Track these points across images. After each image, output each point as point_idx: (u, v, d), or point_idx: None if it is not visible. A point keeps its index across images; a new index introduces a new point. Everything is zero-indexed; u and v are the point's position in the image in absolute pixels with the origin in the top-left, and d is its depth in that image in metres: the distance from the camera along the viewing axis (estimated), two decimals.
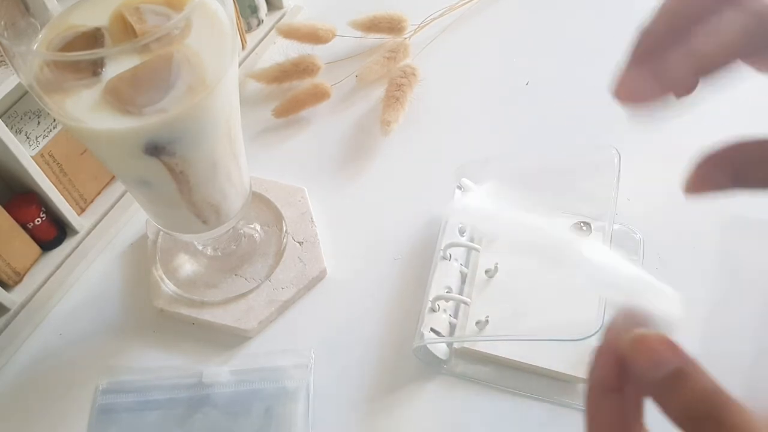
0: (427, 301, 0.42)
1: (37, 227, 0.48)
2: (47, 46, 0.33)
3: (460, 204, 0.36)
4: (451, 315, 0.42)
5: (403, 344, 0.43)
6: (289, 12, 0.68)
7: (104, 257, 0.51)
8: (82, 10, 0.35)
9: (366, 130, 0.57)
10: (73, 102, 0.32)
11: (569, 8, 0.65)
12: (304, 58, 0.59)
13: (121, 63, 0.31)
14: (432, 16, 0.64)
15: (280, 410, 0.41)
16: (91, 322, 0.47)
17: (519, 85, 0.58)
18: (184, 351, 0.45)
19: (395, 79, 0.56)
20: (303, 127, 0.58)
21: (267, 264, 0.48)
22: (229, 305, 0.46)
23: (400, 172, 0.53)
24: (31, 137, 0.46)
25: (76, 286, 0.49)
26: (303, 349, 0.44)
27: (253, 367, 0.43)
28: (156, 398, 0.42)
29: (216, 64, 0.34)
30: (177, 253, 0.49)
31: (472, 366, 0.42)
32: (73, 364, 0.45)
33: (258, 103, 0.60)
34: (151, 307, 0.47)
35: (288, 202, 0.51)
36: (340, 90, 0.60)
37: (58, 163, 0.48)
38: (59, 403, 0.43)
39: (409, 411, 0.41)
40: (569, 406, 0.40)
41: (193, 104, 0.33)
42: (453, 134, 0.56)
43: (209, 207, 0.41)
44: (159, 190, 0.38)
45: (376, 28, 0.61)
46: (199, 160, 0.37)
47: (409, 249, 0.48)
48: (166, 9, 0.33)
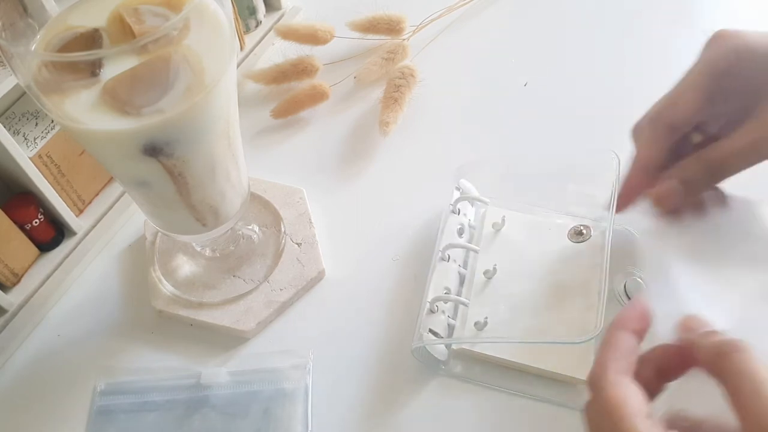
0: (426, 302, 0.42)
1: (35, 228, 0.47)
2: (45, 46, 0.33)
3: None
4: (450, 316, 0.42)
5: (401, 345, 0.43)
6: (287, 13, 0.68)
7: (102, 258, 0.51)
8: (80, 11, 0.35)
9: (365, 130, 0.57)
10: (71, 103, 0.32)
11: (568, 9, 0.65)
12: (302, 59, 0.59)
13: (119, 64, 0.31)
14: (430, 17, 0.64)
15: (278, 411, 0.41)
16: (89, 323, 0.47)
17: (517, 86, 0.58)
18: (182, 352, 0.45)
19: (394, 80, 0.56)
20: (301, 127, 0.58)
21: (265, 265, 0.48)
22: (227, 306, 0.46)
23: (398, 173, 0.53)
24: (29, 138, 0.46)
25: (74, 287, 0.49)
26: (301, 350, 0.44)
27: (252, 368, 0.43)
28: (154, 399, 0.42)
29: (214, 65, 0.34)
30: (175, 254, 0.49)
31: (471, 367, 0.42)
32: (71, 366, 0.45)
33: (256, 103, 0.60)
34: (149, 308, 0.47)
35: (286, 203, 0.51)
36: (338, 91, 0.60)
37: (56, 164, 0.48)
38: (57, 405, 0.43)
39: (407, 412, 0.41)
40: (568, 407, 0.40)
41: (192, 105, 0.33)
42: (451, 135, 0.56)
43: (208, 208, 0.41)
44: (157, 191, 0.38)
45: (375, 29, 0.61)
46: (197, 161, 0.37)
47: (408, 250, 0.48)
48: (165, 10, 0.33)
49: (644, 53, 0.59)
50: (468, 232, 0.46)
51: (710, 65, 0.39)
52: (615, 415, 0.29)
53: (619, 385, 0.30)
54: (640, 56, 0.59)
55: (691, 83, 0.39)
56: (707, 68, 0.39)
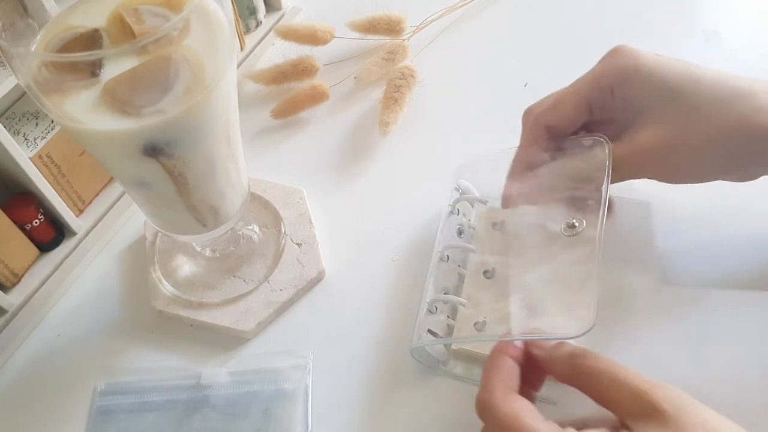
0: (425, 303, 0.42)
1: (35, 228, 0.48)
2: (45, 47, 0.33)
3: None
4: (449, 316, 0.42)
5: (401, 345, 0.43)
6: (287, 13, 0.68)
7: (102, 258, 0.51)
8: (80, 11, 0.35)
9: (365, 131, 0.57)
10: (71, 103, 0.32)
11: (568, 9, 0.65)
12: (302, 59, 0.59)
13: (119, 64, 0.31)
14: (431, 18, 0.64)
15: (278, 411, 0.41)
16: (90, 323, 0.47)
17: (517, 86, 0.58)
18: (182, 352, 0.45)
19: (394, 80, 0.56)
20: (301, 128, 0.58)
21: (265, 265, 0.48)
22: (227, 306, 0.46)
23: (398, 174, 0.54)
24: (29, 138, 0.46)
25: (74, 288, 0.49)
26: (301, 351, 0.44)
27: (252, 369, 0.43)
28: (154, 399, 0.42)
29: (214, 65, 0.34)
30: (175, 254, 0.49)
31: (471, 367, 0.42)
32: (71, 366, 0.45)
33: (256, 104, 0.60)
34: (149, 309, 0.47)
35: (286, 203, 0.51)
36: (338, 91, 0.60)
37: (56, 165, 0.48)
38: (57, 405, 0.43)
39: (406, 412, 0.41)
40: (566, 406, 0.40)
41: (192, 105, 0.33)
42: (451, 135, 0.56)
43: (208, 208, 0.41)
44: (157, 191, 0.38)
45: (375, 29, 0.61)
46: (197, 162, 0.37)
47: (407, 250, 0.48)
48: (165, 10, 0.33)
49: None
50: (467, 233, 0.46)
51: (596, 79, 0.41)
52: (514, 426, 0.32)
53: (509, 400, 0.33)
54: None
55: (574, 92, 0.41)
56: (592, 81, 0.41)
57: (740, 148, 0.38)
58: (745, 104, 0.37)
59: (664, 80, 0.39)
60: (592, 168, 0.40)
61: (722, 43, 0.59)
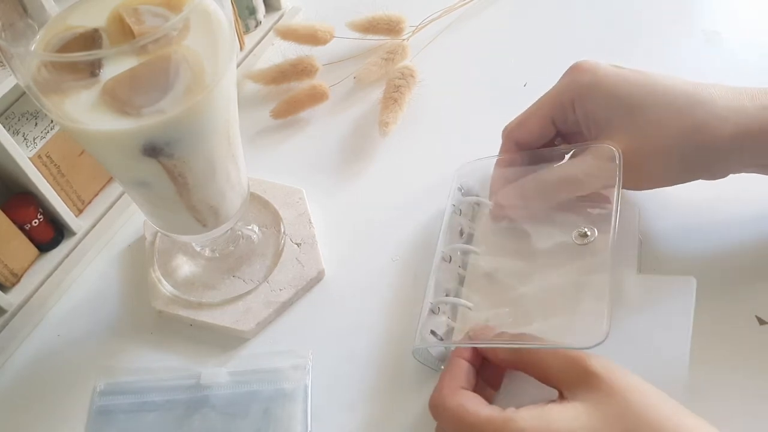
0: (426, 303, 0.42)
1: (35, 228, 0.47)
2: (45, 47, 0.33)
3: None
4: (450, 317, 0.42)
5: (401, 345, 0.43)
6: (287, 13, 0.68)
7: (102, 258, 0.51)
8: (79, 11, 0.35)
9: (364, 131, 0.57)
10: (70, 103, 0.32)
11: (568, 9, 0.65)
12: (302, 59, 0.59)
13: (119, 64, 0.31)
14: (430, 18, 0.64)
15: (278, 411, 0.41)
16: (89, 323, 0.47)
17: (517, 86, 0.58)
18: (182, 352, 0.45)
19: (393, 80, 0.56)
20: (301, 128, 0.58)
21: (265, 265, 0.48)
22: (227, 306, 0.46)
23: (398, 174, 0.53)
24: (29, 138, 0.46)
25: (73, 288, 0.49)
26: (301, 351, 0.44)
27: (252, 369, 0.43)
28: (154, 399, 0.42)
29: (214, 65, 0.34)
30: (175, 254, 0.49)
31: None
32: (71, 366, 0.45)
33: (256, 104, 0.60)
34: (149, 309, 0.47)
35: (286, 203, 0.51)
36: (338, 91, 0.60)
37: (55, 164, 0.48)
38: (57, 405, 0.43)
39: (407, 413, 0.41)
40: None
41: (192, 105, 0.33)
42: (451, 135, 0.56)
43: (208, 208, 0.41)
44: (157, 191, 0.38)
45: (375, 29, 0.61)
46: (197, 162, 0.37)
47: (408, 250, 0.48)
48: (165, 10, 0.33)
49: (644, 53, 0.59)
50: (468, 233, 0.46)
51: (557, 96, 0.43)
52: (459, 415, 0.34)
53: (456, 395, 0.35)
54: (640, 56, 0.59)
55: (537, 110, 0.44)
56: (554, 98, 0.43)
57: (698, 153, 0.39)
58: (703, 111, 0.38)
59: (623, 93, 0.40)
60: (601, 176, 0.40)
61: (722, 43, 0.59)
